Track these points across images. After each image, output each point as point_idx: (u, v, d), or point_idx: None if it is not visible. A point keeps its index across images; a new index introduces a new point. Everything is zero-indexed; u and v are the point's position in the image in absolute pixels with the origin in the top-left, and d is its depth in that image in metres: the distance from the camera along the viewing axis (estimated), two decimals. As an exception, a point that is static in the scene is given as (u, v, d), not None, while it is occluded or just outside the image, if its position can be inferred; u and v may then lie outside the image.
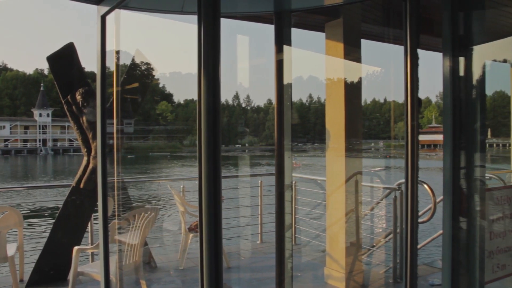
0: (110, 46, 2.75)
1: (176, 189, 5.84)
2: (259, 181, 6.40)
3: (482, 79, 2.17)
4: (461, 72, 2.11)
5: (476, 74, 2.15)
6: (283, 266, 3.32)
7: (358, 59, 4.37)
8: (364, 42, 4.63)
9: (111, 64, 2.98)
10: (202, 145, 1.83)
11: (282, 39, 3.15)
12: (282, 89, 3.17)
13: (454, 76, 2.10)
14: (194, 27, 1.93)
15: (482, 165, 2.15)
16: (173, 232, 7.00)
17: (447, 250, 2.13)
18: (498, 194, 2.20)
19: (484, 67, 2.20)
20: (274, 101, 3.18)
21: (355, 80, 4.46)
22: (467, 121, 2.09)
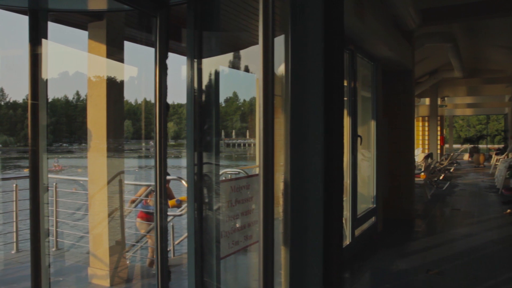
0: None
1: None
2: (14, 185, 5.82)
3: (217, 87, 2.59)
4: (200, 80, 2.48)
5: (213, 82, 2.56)
6: (39, 273, 3.17)
7: (121, 60, 4.47)
8: (133, 45, 4.78)
9: None
10: None
11: (37, 36, 3.02)
12: (37, 85, 3.03)
13: (195, 84, 2.46)
14: None
15: (217, 162, 2.58)
16: None
17: (191, 235, 2.49)
18: (232, 184, 2.69)
19: (218, 75, 2.63)
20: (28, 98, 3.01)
21: (118, 80, 4.55)
22: (205, 124, 2.48)
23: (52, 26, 3.15)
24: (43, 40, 3.07)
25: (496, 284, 4.57)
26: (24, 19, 3.15)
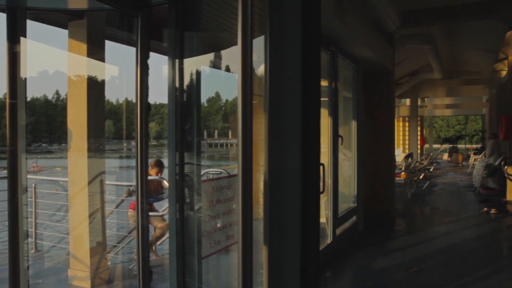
0: None
1: None
2: (-9, 186, 5.69)
3: (198, 87, 2.60)
4: (182, 80, 2.49)
5: (194, 82, 2.56)
6: (17, 275, 3.12)
7: (102, 60, 4.43)
8: (114, 45, 4.73)
9: None
10: None
11: (16, 34, 2.97)
12: (15, 84, 2.98)
13: (176, 84, 2.46)
14: None
15: (198, 162, 2.59)
16: None
17: (173, 235, 2.48)
18: (213, 184, 2.69)
19: (199, 74, 2.63)
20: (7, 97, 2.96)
21: (99, 80, 4.51)
22: (187, 123, 2.49)
23: (31, 24, 3.11)
24: (22, 38, 3.02)
25: (473, 281, 4.68)
26: (2, 17, 3.10)
